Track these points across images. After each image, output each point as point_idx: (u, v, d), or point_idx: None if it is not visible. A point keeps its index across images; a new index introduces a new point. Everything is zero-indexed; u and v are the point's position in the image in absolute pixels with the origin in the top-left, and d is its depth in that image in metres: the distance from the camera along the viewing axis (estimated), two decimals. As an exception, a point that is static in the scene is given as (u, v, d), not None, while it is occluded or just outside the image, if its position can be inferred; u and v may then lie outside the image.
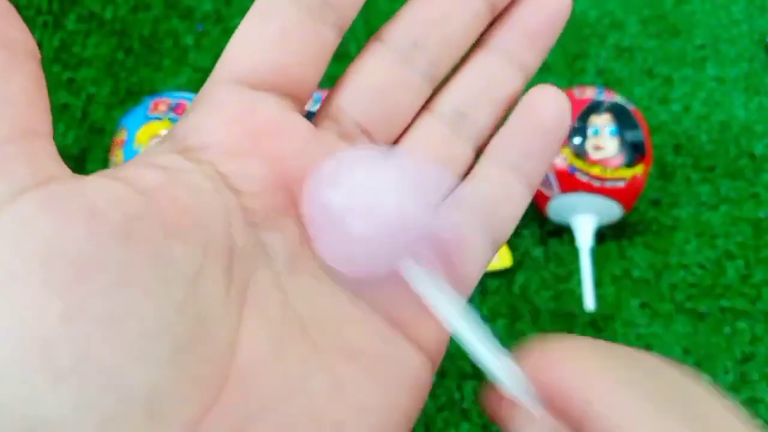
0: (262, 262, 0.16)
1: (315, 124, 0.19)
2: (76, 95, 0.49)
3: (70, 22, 0.52)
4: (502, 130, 0.20)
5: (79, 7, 0.52)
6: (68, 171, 0.15)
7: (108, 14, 0.52)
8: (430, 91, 0.20)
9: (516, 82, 0.20)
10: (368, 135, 0.19)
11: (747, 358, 0.43)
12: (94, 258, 0.13)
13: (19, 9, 0.55)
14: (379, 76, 0.19)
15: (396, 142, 0.20)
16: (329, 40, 0.18)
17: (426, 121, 0.20)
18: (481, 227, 0.20)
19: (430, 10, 0.19)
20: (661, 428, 0.14)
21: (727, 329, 0.44)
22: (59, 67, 0.50)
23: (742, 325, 0.44)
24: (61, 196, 0.14)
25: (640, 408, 0.15)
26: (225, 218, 0.16)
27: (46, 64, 0.50)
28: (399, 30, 0.19)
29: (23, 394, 0.12)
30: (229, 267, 0.15)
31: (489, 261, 0.20)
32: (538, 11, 0.20)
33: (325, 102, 0.19)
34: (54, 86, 0.49)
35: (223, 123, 0.17)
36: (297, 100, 0.18)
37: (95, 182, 0.15)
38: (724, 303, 0.45)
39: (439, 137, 0.20)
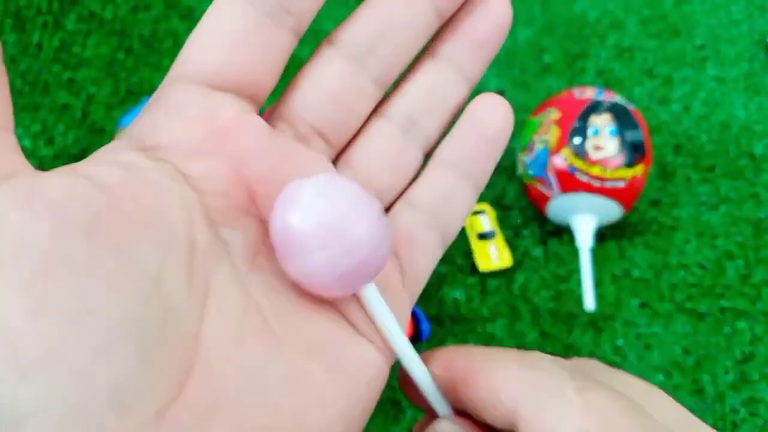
0: (223, 258, 0.17)
1: (271, 124, 0.19)
2: (76, 95, 0.49)
3: (70, 22, 0.52)
4: (450, 136, 0.21)
5: (79, 7, 0.52)
6: (30, 166, 0.15)
7: (108, 14, 0.52)
8: (381, 96, 0.21)
9: (462, 91, 0.21)
10: (323, 137, 0.20)
11: (747, 358, 0.43)
12: (61, 253, 0.14)
13: (19, 9, 0.55)
14: (333, 80, 0.20)
15: (348, 144, 0.20)
16: (286, 43, 0.19)
17: (378, 126, 0.21)
18: (432, 226, 0.21)
19: (381, 15, 0.20)
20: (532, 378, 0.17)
21: (727, 329, 0.44)
22: (59, 67, 0.50)
23: (742, 325, 0.44)
24: (26, 190, 0.14)
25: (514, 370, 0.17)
26: (186, 215, 0.16)
27: (46, 64, 0.50)
28: (351, 34, 0.20)
29: None
30: (190, 263, 0.16)
31: (439, 257, 0.21)
32: (483, 23, 0.21)
33: (280, 103, 0.20)
34: (54, 86, 0.49)
35: (183, 123, 0.17)
36: (254, 101, 0.19)
37: (56, 178, 0.15)
38: (724, 303, 0.45)
39: (391, 142, 0.21)
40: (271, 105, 0.20)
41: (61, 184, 0.15)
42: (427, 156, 0.21)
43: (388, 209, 0.21)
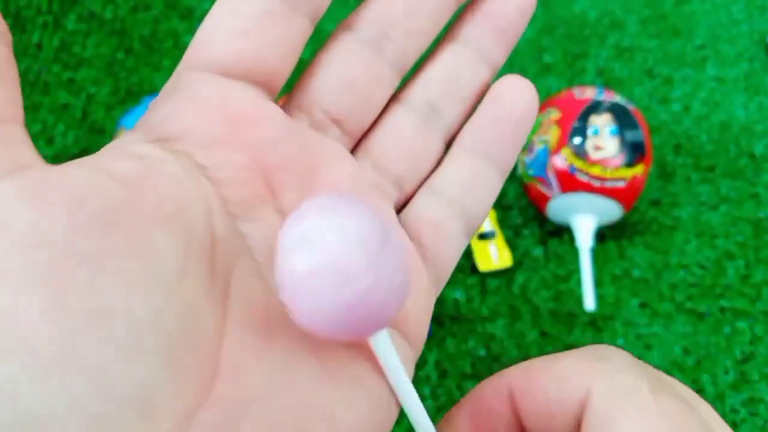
0: (243, 252, 0.16)
1: (287, 112, 0.19)
2: (76, 95, 0.49)
3: (70, 22, 0.52)
4: (472, 121, 0.20)
5: (79, 7, 0.52)
6: (41, 159, 0.15)
7: (108, 14, 0.52)
8: (399, 81, 0.20)
9: (484, 75, 0.20)
10: (339, 125, 0.19)
11: (747, 358, 0.43)
12: (77, 248, 0.13)
13: (19, 9, 0.55)
14: (350, 66, 0.19)
15: (367, 132, 0.20)
16: (302, 30, 0.18)
17: (397, 113, 0.20)
18: (456, 215, 0.20)
19: None
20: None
21: (727, 329, 0.44)
22: (59, 67, 0.50)
23: (742, 325, 0.44)
24: (39, 183, 0.13)
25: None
26: (205, 208, 0.16)
27: (46, 64, 0.50)
28: (368, 19, 0.19)
29: (7, 393, 0.12)
30: (211, 257, 0.15)
31: (464, 247, 0.20)
32: (506, 5, 0.20)
33: (295, 91, 0.19)
34: (54, 86, 0.49)
35: (198, 112, 0.17)
36: (269, 88, 0.18)
37: (72, 171, 0.14)
38: (724, 303, 0.45)
39: (411, 129, 0.20)
40: (285, 94, 0.20)
41: (78, 177, 0.14)
42: (449, 144, 0.21)
43: (409, 199, 0.20)
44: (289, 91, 0.20)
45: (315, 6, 0.18)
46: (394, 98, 0.20)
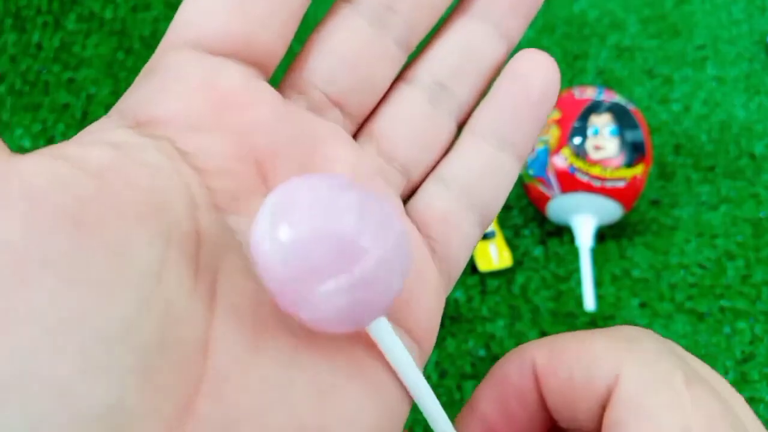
0: (230, 248, 0.14)
1: (283, 93, 0.17)
2: (76, 95, 0.49)
3: (70, 22, 0.52)
4: (487, 101, 0.18)
5: (79, 7, 0.52)
6: (5, 148, 0.13)
7: (108, 14, 0.52)
8: (405, 59, 0.18)
9: (499, 50, 0.18)
10: (340, 107, 0.17)
11: (747, 358, 0.43)
12: (39, 251, 0.11)
13: (19, 9, 0.55)
14: (351, 42, 0.17)
15: (371, 115, 0.18)
16: (297, 3, 0.16)
17: (403, 93, 0.18)
18: (468, 206, 0.18)
19: None
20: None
21: (727, 329, 0.44)
22: (59, 67, 0.50)
23: (742, 325, 0.44)
24: None
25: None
26: (188, 201, 0.14)
27: (46, 64, 0.50)
28: None
29: None
30: (195, 256, 0.13)
31: (478, 239, 0.19)
32: None
33: (292, 70, 0.17)
34: (54, 86, 0.49)
35: (181, 93, 0.15)
36: (263, 68, 0.16)
37: (34, 162, 0.12)
38: (724, 303, 0.45)
39: (419, 111, 0.18)
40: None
41: (41, 170, 0.12)
42: (462, 126, 0.19)
43: (417, 187, 0.18)
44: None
45: None
46: (400, 77, 0.19)
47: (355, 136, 0.18)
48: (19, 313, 0.11)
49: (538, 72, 0.18)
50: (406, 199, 0.19)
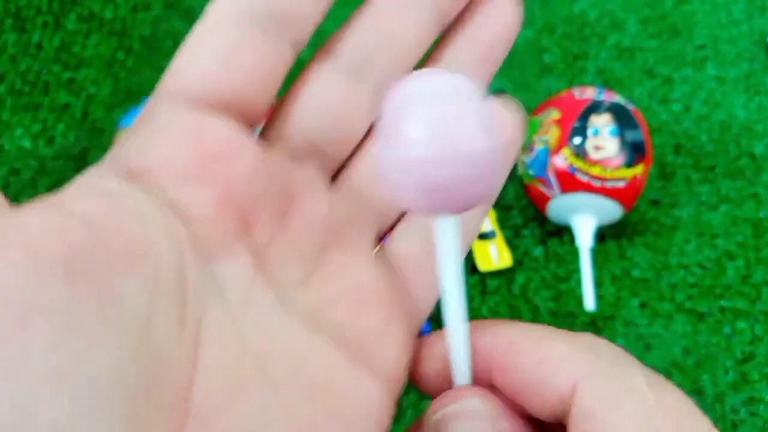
0: (215, 295, 0.15)
1: (264, 140, 0.18)
2: (76, 95, 0.49)
3: (70, 22, 0.52)
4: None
5: (79, 7, 0.52)
6: (3, 201, 0.14)
7: (108, 14, 0.52)
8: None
9: None
10: (320, 154, 0.18)
11: (747, 358, 0.43)
12: (37, 301, 0.12)
13: (19, 9, 0.55)
14: (331, 93, 0.18)
15: (348, 160, 0.19)
16: (283, 58, 0.17)
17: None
18: None
19: (379, 23, 0.18)
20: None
21: (727, 329, 0.44)
22: (59, 67, 0.50)
23: (742, 325, 0.44)
24: None
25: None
26: (175, 249, 0.15)
27: (46, 64, 0.50)
28: (348, 44, 0.18)
29: None
30: (181, 302, 0.14)
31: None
32: (489, 28, 0.19)
33: (274, 118, 0.19)
34: (54, 86, 0.49)
35: (170, 145, 0.16)
36: (248, 119, 0.17)
37: (30, 214, 0.13)
38: (724, 303, 0.45)
39: None
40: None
41: (36, 221, 0.13)
42: None
43: (388, 231, 0.20)
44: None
45: (297, 33, 0.17)
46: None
47: (335, 177, 0.19)
48: (21, 361, 0.12)
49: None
50: (382, 238, 0.20)
